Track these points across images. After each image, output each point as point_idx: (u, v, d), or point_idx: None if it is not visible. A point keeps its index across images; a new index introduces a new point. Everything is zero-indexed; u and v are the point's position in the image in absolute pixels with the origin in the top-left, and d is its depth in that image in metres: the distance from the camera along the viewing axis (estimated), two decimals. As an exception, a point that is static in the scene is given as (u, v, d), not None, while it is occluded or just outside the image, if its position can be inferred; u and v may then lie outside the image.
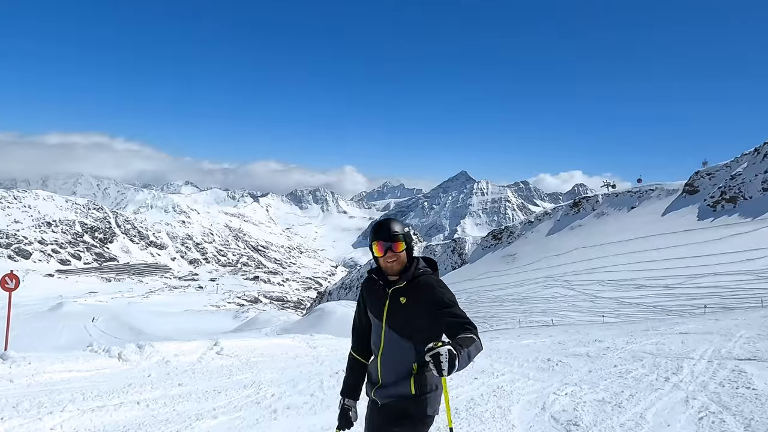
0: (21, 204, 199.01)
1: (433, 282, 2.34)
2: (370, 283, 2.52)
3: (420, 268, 2.40)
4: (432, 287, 2.30)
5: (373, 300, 2.46)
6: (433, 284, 2.32)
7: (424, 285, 2.32)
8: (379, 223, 2.40)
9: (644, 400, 5.15)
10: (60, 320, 52.14)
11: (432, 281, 2.34)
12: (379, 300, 2.40)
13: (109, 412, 4.54)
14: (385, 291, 2.38)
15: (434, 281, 2.34)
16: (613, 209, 73.50)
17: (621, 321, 26.49)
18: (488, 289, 52.55)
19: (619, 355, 8.68)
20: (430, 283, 2.33)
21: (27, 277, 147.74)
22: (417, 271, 2.37)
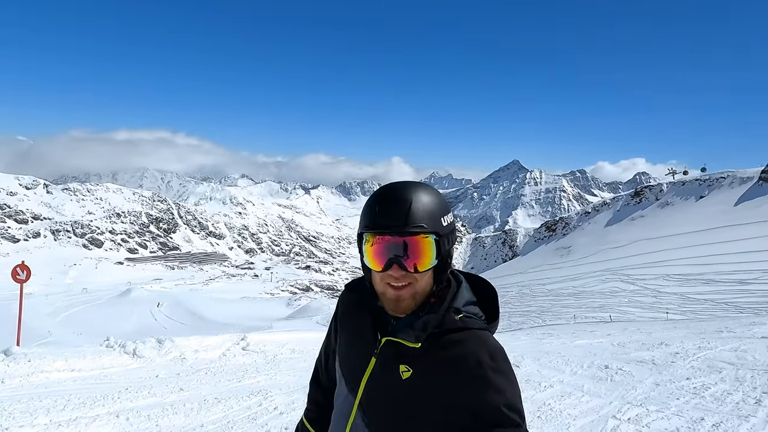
0: (93, 196, 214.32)
1: (484, 357, 1.08)
2: (349, 306, 1.35)
3: (459, 308, 1.17)
4: (479, 369, 1.07)
5: (348, 342, 1.30)
6: (482, 362, 1.08)
7: (461, 359, 1.09)
8: (381, 193, 1.16)
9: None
10: (129, 305, 55.89)
11: (481, 354, 1.09)
12: (359, 351, 1.24)
13: (79, 427, 4.17)
14: (373, 336, 1.20)
15: (486, 354, 1.09)
16: (679, 199, 68.39)
17: (687, 318, 24.44)
18: (541, 282, 50.48)
19: (692, 363, 7.56)
20: (476, 360, 1.08)
21: (100, 265, 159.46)
22: (450, 317, 1.14)
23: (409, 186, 1.16)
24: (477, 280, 1.29)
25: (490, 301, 1.24)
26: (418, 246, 1.11)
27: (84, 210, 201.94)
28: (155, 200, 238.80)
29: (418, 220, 1.10)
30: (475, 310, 1.20)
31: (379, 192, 1.17)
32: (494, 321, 1.20)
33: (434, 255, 1.12)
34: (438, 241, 1.12)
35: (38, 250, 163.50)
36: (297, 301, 79.55)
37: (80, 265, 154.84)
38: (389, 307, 1.17)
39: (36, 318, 40.58)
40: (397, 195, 1.13)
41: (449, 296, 1.19)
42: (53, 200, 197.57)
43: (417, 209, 1.10)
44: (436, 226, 1.12)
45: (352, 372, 1.25)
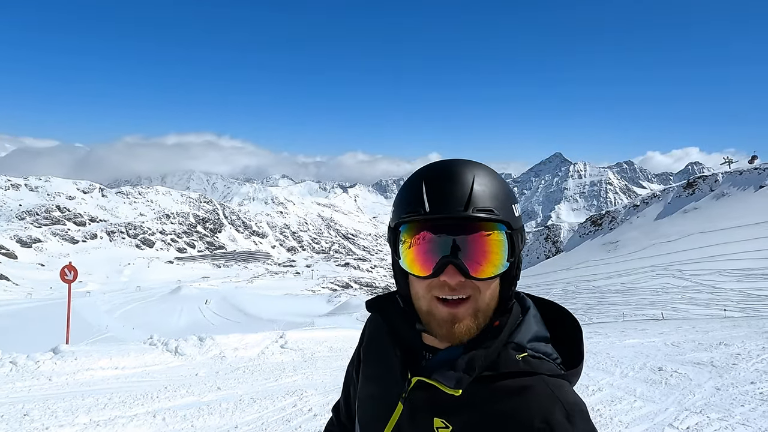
0: (145, 199, 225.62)
1: (557, 417, 0.73)
2: (375, 332, 1.03)
3: (523, 343, 0.83)
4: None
5: (369, 379, 0.98)
6: (554, 425, 0.72)
7: (521, 417, 0.75)
8: (429, 170, 0.81)
9: (807, 444, 3.70)
10: (179, 302, 58.43)
11: (553, 413, 0.73)
12: (382, 393, 0.92)
13: (116, 427, 4.22)
14: (401, 373, 0.87)
15: (560, 413, 0.73)
16: (737, 189, 64.18)
17: (747, 316, 22.83)
18: (587, 279, 48.72)
19: (756, 366, 6.95)
20: (544, 419, 0.73)
21: (152, 264, 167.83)
22: (508, 355, 0.81)
23: (469, 162, 0.81)
24: (552, 309, 0.91)
25: (569, 340, 0.86)
26: (483, 240, 0.76)
27: (136, 212, 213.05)
28: (202, 201, 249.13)
29: (485, 203, 0.76)
30: (547, 349, 0.84)
31: (425, 169, 0.82)
32: (575, 367, 0.82)
33: (505, 254, 0.78)
34: (511, 236, 0.78)
35: (95, 250, 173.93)
36: (337, 298, 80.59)
37: (134, 264, 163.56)
38: (440, 333, 0.79)
39: (95, 314, 43.02)
40: (454, 171, 0.78)
41: (509, 325, 0.82)
42: (108, 203, 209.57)
43: (482, 189, 0.77)
44: (507, 214, 0.78)
45: (371, 419, 0.91)
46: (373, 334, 1.03)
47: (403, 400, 0.84)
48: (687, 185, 71.85)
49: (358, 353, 1.09)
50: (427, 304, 0.80)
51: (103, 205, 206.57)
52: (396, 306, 0.91)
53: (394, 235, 0.84)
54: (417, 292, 0.81)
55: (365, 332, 1.07)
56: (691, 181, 72.11)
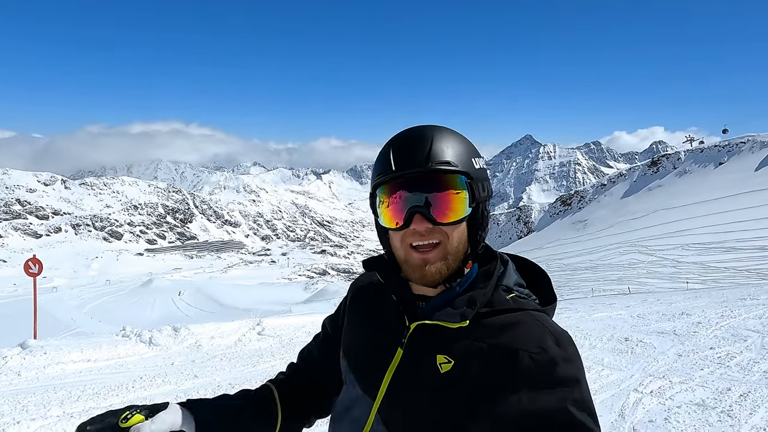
0: (110, 190, 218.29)
1: (549, 343, 0.82)
2: (364, 288, 1.11)
3: (510, 286, 0.94)
4: (544, 357, 0.81)
5: (362, 332, 1.03)
6: (547, 349, 0.81)
7: (518, 344, 0.83)
8: (396, 136, 0.94)
9: (764, 404, 3.99)
10: (151, 295, 57.30)
11: (545, 339, 0.83)
12: (378, 341, 0.97)
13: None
14: (398, 321, 0.94)
15: (550, 339, 0.83)
16: (698, 166, 66.86)
17: (708, 287, 24.01)
18: (558, 257, 50.12)
19: (715, 332, 7.36)
20: (538, 346, 0.82)
21: (121, 257, 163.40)
22: (500, 295, 0.91)
23: (430, 126, 0.92)
24: (525, 263, 1.02)
25: (541, 285, 0.99)
26: (445, 189, 0.86)
27: (102, 204, 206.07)
28: (170, 191, 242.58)
29: (442, 157, 0.86)
30: (527, 292, 0.96)
31: (393, 137, 0.93)
32: (550, 304, 0.95)
33: (467, 201, 0.87)
34: (470, 185, 0.87)
35: (60, 244, 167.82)
36: (314, 285, 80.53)
37: (102, 258, 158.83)
38: (415, 277, 0.89)
39: (63, 310, 41.76)
40: (416, 133, 0.90)
41: (496, 273, 0.92)
42: (72, 195, 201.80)
43: (441, 145, 0.87)
44: (466, 165, 0.88)
45: (367, 368, 0.96)
46: (360, 292, 1.09)
47: (403, 345, 0.91)
48: (651, 164, 74.23)
49: (336, 316, 1.15)
50: (404, 253, 0.89)
51: (67, 198, 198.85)
52: (387, 265, 0.99)
53: (372, 198, 0.95)
54: (395, 244, 0.91)
55: (350, 292, 1.13)
56: (656, 160, 74.52)
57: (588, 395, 0.81)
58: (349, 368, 1.01)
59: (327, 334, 1.15)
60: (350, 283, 1.16)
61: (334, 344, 1.11)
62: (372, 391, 0.93)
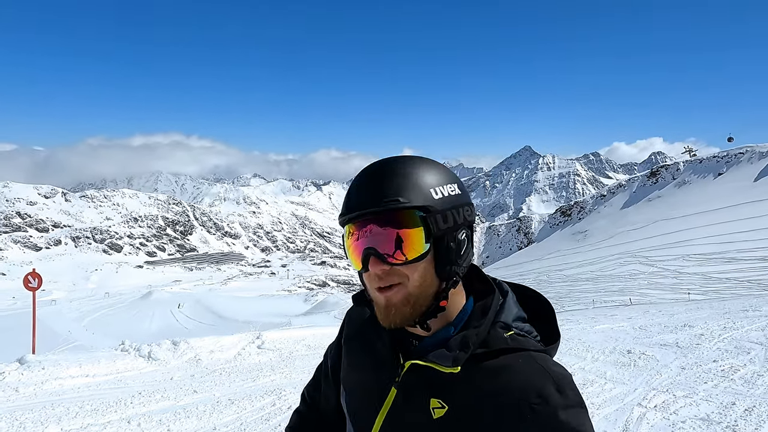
0: (111, 202, 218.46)
1: (549, 390, 0.76)
2: (359, 322, 1.05)
3: (509, 323, 0.87)
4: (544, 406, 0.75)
5: (357, 368, 0.99)
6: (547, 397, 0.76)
7: (516, 391, 0.78)
8: (359, 172, 0.88)
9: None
10: (151, 307, 57.02)
11: (545, 386, 0.77)
12: (372, 379, 0.93)
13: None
14: (392, 359, 0.90)
15: (551, 385, 0.77)
16: (697, 177, 67.04)
17: (710, 298, 23.91)
18: (558, 268, 49.99)
19: (718, 344, 7.32)
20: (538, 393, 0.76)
21: (120, 269, 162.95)
22: (497, 334, 0.84)
23: (393, 158, 0.85)
24: (527, 293, 0.95)
25: (543, 319, 0.92)
26: (396, 228, 0.79)
27: (102, 216, 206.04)
28: (170, 203, 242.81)
29: (392, 193, 0.79)
30: (528, 327, 0.89)
31: (359, 173, 0.87)
32: (553, 343, 0.87)
33: (422, 237, 0.79)
34: (425, 219, 0.79)
35: (60, 257, 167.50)
36: (314, 297, 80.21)
37: (101, 270, 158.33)
38: (380, 318, 0.83)
39: (62, 323, 41.55)
40: (373, 170, 0.84)
41: (493, 307, 0.86)
42: (72, 208, 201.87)
43: (394, 181, 0.80)
44: (420, 198, 0.80)
45: (362, 407, 0.92)
46: (354, 326, 1.04)
47: (397, 384, 0.87)
48: (651, 174, 74.44)
49: (337, 346, 1.09)
50: (372, 293, 0.84)
51: (67, 210, 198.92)
52: None
53: (343, 239, 0.88)
54: (365, 284, 0.87)
55: (344, 326, 1.08)
56: (655, 171, 74.75)
57: None
58: (346, 406, 0.98)
59: (331, 367, 1.11)
60: (345, 314, 1.10)
61: (336, 379, 1.07)
62: (364, 431, 0.90)
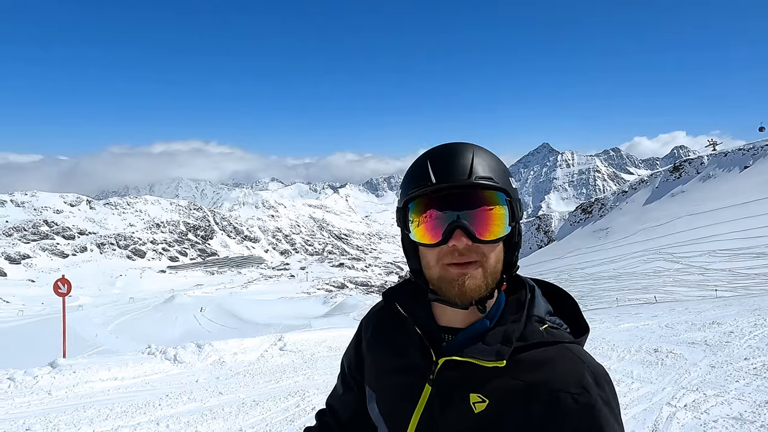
0: (133, 209, 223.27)
1: (588, 381, 0.79)
2: (383, 321, 1.03)
3: (542, 316, 0.89)
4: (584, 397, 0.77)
5: (386, 370, 0.97)
6: (588, 388, 0.78)
7: (557, 383, 0.79)
8: (434, 150, 0.88)
9: (802, 416, 3.79)
10: (173, 311, 57.95)
11: (585, 377, 0.79)
12: (403, 379, 0.92)
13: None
14: (423, 356, 0.90)
15: (590, 377, 0.79)
16: (722, 171, 65.15)
17: (738, 295, 23.22)
18: (579, 266, 49.15)
19: (749, 342, 7.09)
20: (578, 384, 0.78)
21: (144, 274, 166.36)
22: (533, 327, 0.85)
23: (466, 143, 0.87)
24: (550, 288, 0.97)
25: (569, 313, 0.93)
26: (487, 206, 0.82)
27: (125, 223, 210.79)
28: (191, 209, 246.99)
29: (485, 172, 0.82)
30: (559, 320, 0.91)
31: (427, 151, 0.87)
32: (583, 334, 0.89)
33: (506, 220, 0.83)
34: (510, 203, 0.84)
35: (86, 263, 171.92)
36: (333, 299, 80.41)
37: (126, 276, 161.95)
38: (453, 293, 0.81)
39: (89, 328, 42.56)
40: (455, 147, 0.85)
41: (526, 302, 0.87)
42: (96, 215, 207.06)
43: (482, 161, 0.83)
44: (506, 183, 0.85)
45: (395, 409, 0.90)
46: (378, 327, 1.02)
47: (431, 382, 0.86)
48: (673, 169, 72.68)
49: (355, 351, 1.08)
50: (439, 270, 0.83)
51: (92, 218, 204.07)
52: (409, 294, 0.94)
53: (403, 213, 0.87)
54: (428, 262, 0.85)
55: (365, 328, 1.07)
56: (678, 165, 72.97)
57: None
58: (377, 409, 0.96)
59: (349, 374, 1.11)
60: (363, 317, 1.10)
61: (359, 385, 1.07)
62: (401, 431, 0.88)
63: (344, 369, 1.12)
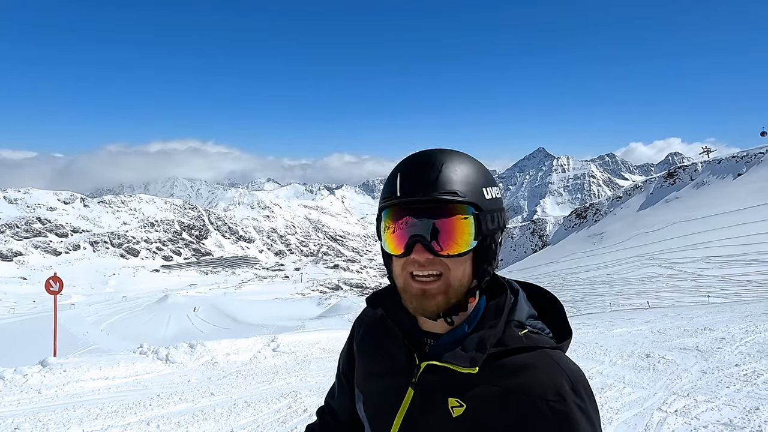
0: (128, 207, 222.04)
1: (564, 388, 0.79)
2: (371, 325, 1.06)
3: (523, 321, 0.89)
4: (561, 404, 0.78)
5: (372, 372, 1.00)
6: (564, 395, 0.78)
7: (533, 389, 0.80)
8: (406, 159, 0.89)
9: (792, 423, 3.81)
10: (167, 311, 57.62)
11: (561, 384, 0.79)
12: (388, 382, 0.94)
13: None
14: (407, 360, 0.92)
15: (566, 383, 0.80)
16: (716, 177, 65.65)
17: (730, 301, 23.38)
18: (573, 271, 49.29)
19: (740, 348, 7.14)
20: (554, 391, 0.79)
21: (137, 273, 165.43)
22: (512, 332, 0.85)
23: (443, 151, 0.86)
24: (536, 291, 0.97)
25: (554, 316, 0.93)
26: (449, 220, 0.81)
27: (119, 221, 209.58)
28: (186, 208, 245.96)
29: (450, 186, 0.81)
30: (541, 325, 0.90)
31: (403, 160, 0.88)
32: (566, 339, 0.89)
33: (472, 234, 0.82)
34: (478, 216, 0.82)
35: (79, 261, 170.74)
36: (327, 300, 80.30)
37: (119, 275, 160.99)
38: (412, 306, 0.84)
39: (81, 326, 42.23)
40: (425, 158, 0.85)
41: (506, 306, 0.87)
42: (90, 213, 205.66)
43: (450, 174, 0.82)
44: (475, 195, 0.83)
45: (379, 410, 0.93)
46: (367, 330, 1.05)
47: (414, 385, 0.88)
48: (668, 175, 73.16)
49: (348, 352, 1.12)
50: (403, 281, 0.85)
51: (86, 216, 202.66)
52: (393, 298, 0.94)
53: (378, 221, 0.90)
54: (396, 270, 0.87)
55: (357, 329, 1.10)
56: (672, 172, 73.46)
57: None
58: (362, 410, 0.99)
59: (343, 373, 1.13)
60: (355, 319, 1.14)
61: (351, 385, 1.09)
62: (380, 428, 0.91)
63: (339, 369, 1.15)
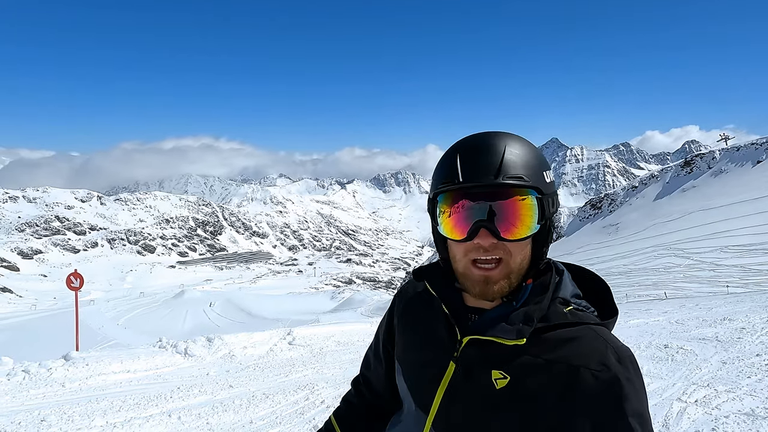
0: (144, 205, 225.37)
1: (610, 360, 0.79)
2: (414, 299, 1.07)
3: (567, 298, 0.89)
4: (605, 374, 0.78)
5: (414, 345, 1.01)
6: (609, 366, 0.78)
7: (578, 361, 0.80)
8: (464, 142, 0.87)
9: (815, 412, 3.75)
10: (183, 306, 58.65)
11: (607, 356, 0.80)
12: (430, 355, 0.95)
13: (133, 427, 4.29)
14: (449, 335, 0.92)
15: (612, 355, 0.80)
16: (734, 165, 64.18)
17: (750, 291, 22.95)
18: (589, 262, 48.77)
19: (761, 338, 7.00)
20: (600, 362, 0.79)
21: (154, 269, 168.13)
22: (557, 309, 0.86)
23: (501, 133, 0.85)
24: (581, 272, 0.97)
25: (600, 297, 0.93)
26: (514, 205, 0.81)
27: (135, 218, 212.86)
28: (200, 204, 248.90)
29: (515, 171, 0.80)
30: (585, 303, 0.91)
31: (460, 142, 0.87)
32: (611, 317, 0.89)
33: (535, 218, 0.82)
34: (541, 200, 0.83)
35: (97, 258, 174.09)
36: (341, 294, 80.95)
37: (136, 271, 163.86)
38: (474, 292, 0.85)
39: (100, 322, 43.20)
40: (486, 141, 0.83)
41: (551, 285, 0.87)
42: (107, 211, 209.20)
43: (513, 158, 0.81)
44: (537, 179, 0.83)
45: (421, 383, 0.94)
46: (409, 304, 1.07)
47: (455, 359, 0.88)
48: (685, 164, 71.75)
49: (387, 324, 1.13)
50: (464, 266, 0.85)
51: (102, 213, 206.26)
52: (438, 274, 0.96)
53: (433, 204, 0.89)
54: (455, 255, 0.87)
55: (397, 302, 1.11)
56: (689, 160, 72.02)
57: (649, 419, 0.77)
58: (403, 382, 1.00)
59: (382, 346, 1.15)
60: (396, 291, 1.15)
61: (389, 357, 1.11)
62: (425, 405, 0.91)
63: (377, 341, 1.16)
